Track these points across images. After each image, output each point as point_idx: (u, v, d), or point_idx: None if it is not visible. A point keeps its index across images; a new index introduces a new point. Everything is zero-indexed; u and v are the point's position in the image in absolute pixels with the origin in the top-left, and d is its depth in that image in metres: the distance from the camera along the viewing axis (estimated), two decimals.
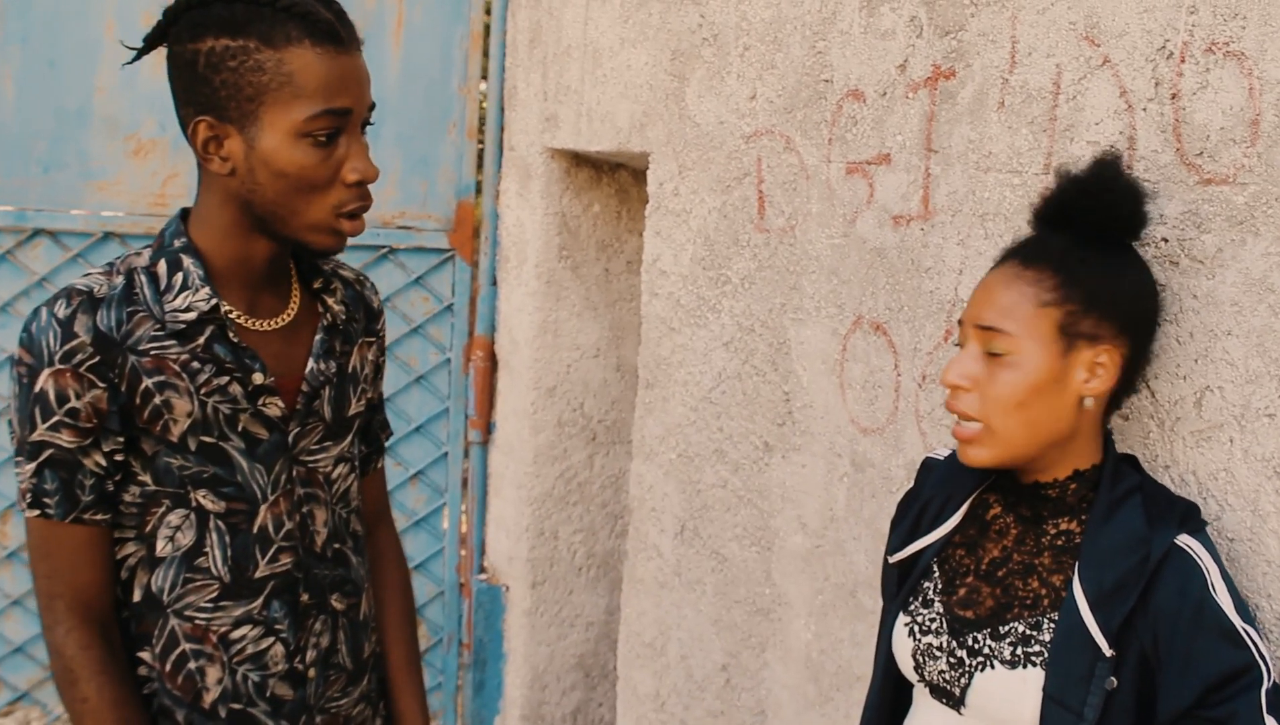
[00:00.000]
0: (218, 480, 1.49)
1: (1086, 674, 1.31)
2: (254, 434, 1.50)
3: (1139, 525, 1.32)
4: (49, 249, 3.66)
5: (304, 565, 1.57)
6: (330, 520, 1.60)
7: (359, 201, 1.44)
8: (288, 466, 1.54)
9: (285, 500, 1.54)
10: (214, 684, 1.53)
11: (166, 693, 1.52)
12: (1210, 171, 1.42)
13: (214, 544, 1.50)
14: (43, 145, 3.62)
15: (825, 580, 2.16)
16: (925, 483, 1.61)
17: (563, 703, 3.61)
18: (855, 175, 2.05)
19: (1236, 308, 1.39)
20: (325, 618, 1.60)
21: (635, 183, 3.47)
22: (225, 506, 1.50)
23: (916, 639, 1.49)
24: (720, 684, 2.49)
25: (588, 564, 3.62)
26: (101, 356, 1.41)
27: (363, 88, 1.43)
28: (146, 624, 1.52)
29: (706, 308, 2.49)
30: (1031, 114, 1.67)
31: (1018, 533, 1.46)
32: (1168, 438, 1.49)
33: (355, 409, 1.64)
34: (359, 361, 1.65)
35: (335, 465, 1.61)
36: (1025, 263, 1.39)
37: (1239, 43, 1.38)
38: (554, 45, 3.21)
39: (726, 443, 2.44)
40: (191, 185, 3.69)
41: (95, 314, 1.41)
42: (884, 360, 2.00)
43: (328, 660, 1.61)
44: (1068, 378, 1.36)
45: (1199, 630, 1.26)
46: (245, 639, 1.53)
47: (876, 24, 1.99)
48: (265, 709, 1.56)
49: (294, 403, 1.54)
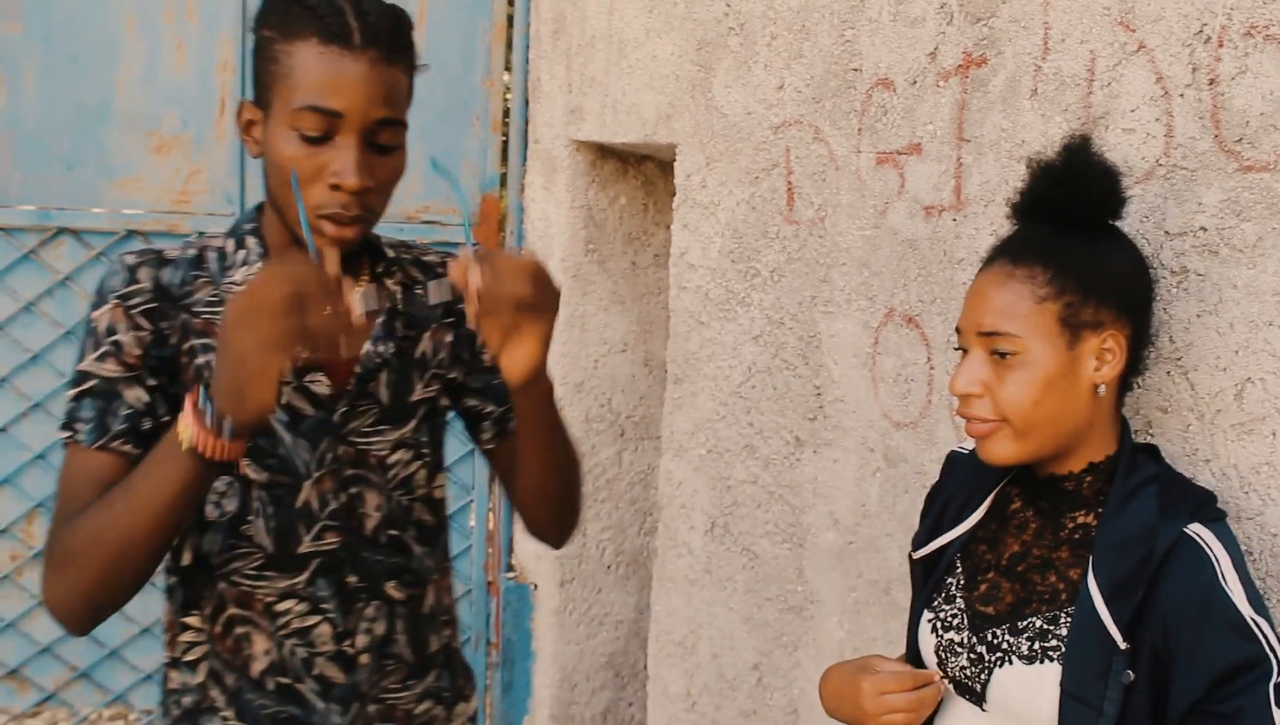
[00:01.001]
0: (260, 451, 1.51)
1: (1104, 669, 1.30)
2: (298, 409, 1.52)
3: (1150, 515, 1.32)
4: (72, 247, 3.69)
5: (351, 547, 1.57)
6: (384, 505, 1.59)
7: (338, 207, 1.41)
8: (334, 445, 1.54)
9: (330, 479, 1.55)
10: (261, 654, 1.55)
11: (217, 655, 1.56)
12: (1250, 159, 1.41)
13: (257, 514, 1.52)
14: (64, 143, 3.65)
15: (858, 577, 2.16)
16: (950, 477, 1.62)
17: (592, 702, 3.62)
18: (886, 165, 2.05)
19: (1278, 297, 1.38)
20: (380, 604, 1.61)
21: (662, 175, 3.48)
22: (268, 477, 1.52)
23: (939, 635, 1.50)
24: (752, 683, 2.49)
25: (616, 561, 3.63)
26: (158, 304, 1.48)
27: (363, 95, 1.40)
28: (196, 587, 1.56)
29: (735, 301, 2.49)
30: (1065, 101, 1.67)
31: (1036, 527, 1.46)
32: (1208, 431, 1.48)
33: (421, 395, 1.62)
34: (430, 347, 1.64)
35: (393, 451, 1.60)
36: (1014, 261, 1.39)
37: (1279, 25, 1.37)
38: (578, 36, 3.22)
39: (757, 438, 2.45)
40: (214, 183, 3.72)
41: (160, 269, 1.50)
42: (916, 353, 1.99)
43: (383, 649, 1.62)
44: (1079, 368, 1.36)
45: (1206, 622, 1.25)
46: (291, 613, 1.55)
47: (906, 11, 1.98)
48: (313, 687, 1.57)
49: (346, 382, 1.55)
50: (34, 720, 3.95)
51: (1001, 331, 1.36)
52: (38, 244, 3.66)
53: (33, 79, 3.61)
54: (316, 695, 1.58)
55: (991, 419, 1.38)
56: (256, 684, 1.56)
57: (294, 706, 1.57)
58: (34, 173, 3.64)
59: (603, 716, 3.65)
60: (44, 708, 3.95)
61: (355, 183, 1.40)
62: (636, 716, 3.68)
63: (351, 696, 1.59)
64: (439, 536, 1.70)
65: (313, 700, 1.58)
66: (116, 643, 3.89)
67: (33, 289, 3.68)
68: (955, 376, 1.41)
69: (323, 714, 1.58)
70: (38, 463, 3.77)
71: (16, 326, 3.69)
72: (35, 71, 3.61)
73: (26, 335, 3.70)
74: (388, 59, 1.43)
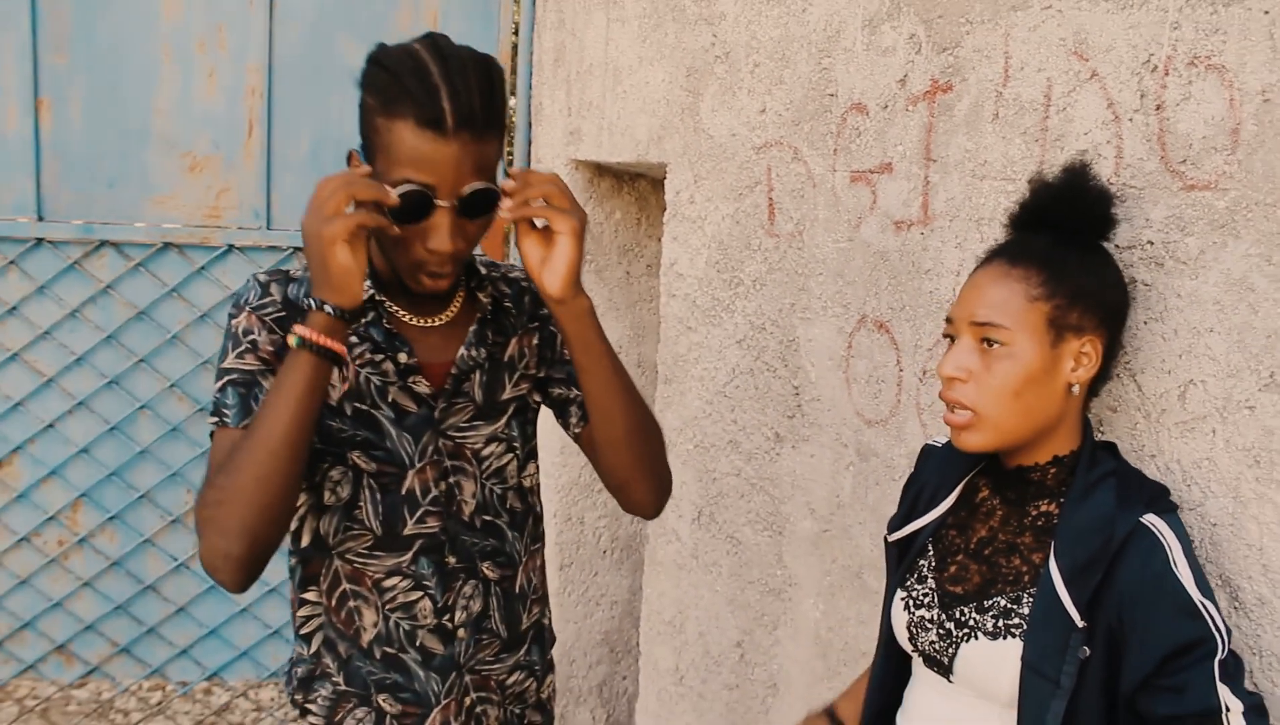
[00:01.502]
0: (369, 444, 1.56)
1: (1062, 645, 1.30)
2: (403, 406, 1.57)
3: (1109, 506, 1.32)
4: (113, 259, 3.67)
5: (450, 530, 1.61)
6: (479, 493, 1.63)
7: (437, 266, 1.47)
8: (435, 439, 1.59)
9: (432, 468, 1.59)
10: (370, 625, 1.60)
11: (331, 625, 1.62)
12: (1193, 178, 1.40)
13: (367, 499, 1.57)
14: (106, 163, 3.64)
15: (833, 563, 2.14)
16: (924, 468, 1.61)
17: (589, 676, 3.60)
18: (859, 183, 2.03)
19: (1218, 306, 1.37)
20: (476, 583, 1.64)
21: (654, 191, 3.46)
22: (377, 468, 1.57)
23: (911, 612, 1.50)
24: (735, 659, 2.47)
25: (611, 547, 3.61)
26: (286, 313, 1.53)
27: (454, 171, 1.41)
28: (314, 565, 1.61)
29: (721, 308, 2.47)
30: (1024, 125, 1.65)
31: (1003, 514, 1.46)
32: (1154, 429, 1.46)
33: (511, 393, 1.66)
34: (517, 350, 1.68)
35: (487, 444, 1.63)
36: (1012, 261, 1.39)
37: (1220, 56, 1.36)
38: (577, 64, 3.20)
39: (740, 434, 2.43)
40: (243, 199, 3.71)
41: (288, 286, 1.55)
42: (887, 356, 1.98)
43: (479, 624, 1.65)
44: (1058, 367, 1.36)
45: (1159, 604, 1.25)
46: (396, 589, 1.60)
47: (878, 41, 1.97)
48: (415, 657, 1.61)
49: (443, 382, 1.59)
50: (80, 690, 3.93)
51: (994, 322, 1.36)
52: (82, 256, 3.64)
53: (78, 105, 3.60)
54: (418, 665, 1.62)
55: (968, 407, 1.38)
56: (365, 653, 1.61)
57: (398, 674, 1.62)
58: (79, 190, 3.63)
59: (599, 689, 3.63)
60: (88, 680, 3.93)
61: (448, 250, 1.44)
62: (629, 689, 3.67)
63: (450, 667, 1.63)
64: (528, 521, 1.72)
65: (415, 669, 1.62)
66: (154, 620, 3.88)
67: (77, 296, 3.66)
68: (944, 361, 1.40)
69: (424, 682, 1.62)
70: (82, 457, 3.75)
71: (63, 331, 3.67)
72: (80, 99, 3.59)
73: (71, 339, 3.69)
74: (480, 136, 1.42)
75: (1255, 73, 1.32)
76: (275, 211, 3.73)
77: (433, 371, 1.59)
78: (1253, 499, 1.34)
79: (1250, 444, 1.34)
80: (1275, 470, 1.31)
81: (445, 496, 1.60)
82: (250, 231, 3.71)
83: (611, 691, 3.65)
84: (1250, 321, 1.33)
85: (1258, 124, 1.32)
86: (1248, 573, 1.35)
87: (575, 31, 3.22)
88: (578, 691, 3.59)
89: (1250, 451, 1.34)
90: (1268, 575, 1.32)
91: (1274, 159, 1.30)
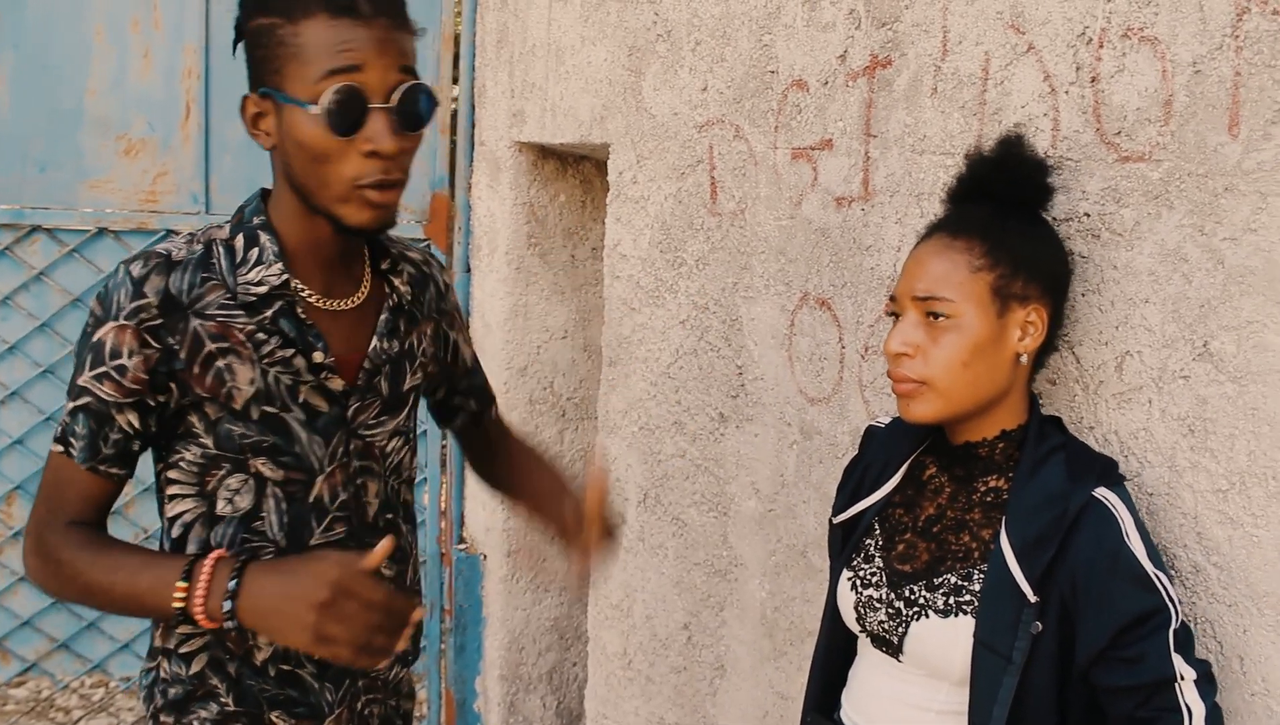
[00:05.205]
0: (277, 450, 1.44)
1: (1014, 620, 1.30)
2: (314, 406, 1.45)
3: (1060, 481, 1.32)
4: (46, 245, 3.60)
5: (356, 535, 1.51)
6: (382, 492, 1.55)
7: (380, 174, 1.33)
8: (345, 439, 1.48)
9: (341, 472, 1.49)
10: (265, 644, 1.49)
11: (219, 645, 1.49)
12: (1128, 150, 1.40)
13: (270, 510, 1.45)
14: (38, 145, 3.55)
15: (778, 542, 2.14)
16: (867, 448, 1.61)
17: (539, 663, 3.59)
18: (800, 160, 2.03)
19: (1153, 277, 1.38)
20: None
21: (598, 173, 3.44)
22: (284, 475, 1.45)
23: (859, 592, 1.49)
24: (682, 642, 2.47)
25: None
26: (164, 319, 1.37)
27: (379, 58, 1.31)
28: None
29: (664, 288, 2.46)
30: (963, 99, 1.65)
31: (951, 491, 1.46)
32: (1091, 400, 1.47)
33: (411, 383, 1.58)
34: (417, 339, 1.59)
35: (390, 439, 1.55)
36: (953, 234, 1.39)
37: (1152, 28, 1.37)
38: (519, 45, 3.17)
39: (684, 415, 2.42)
40: (181, 183, 3.64)
41: (169, 276, 1.37)
42: (829, 334, 1.98)
43: None
44: (1005, 337, 1.37)
45: (1114, 576, 1.26)
46: None
47: (818, 17, 1.96)
48: (312, 670, 1.52)
49: (355, 378, 1.48)
50: (18, 689, 3.86)
51: (938, 296, 1.36)
52: (13, 241, 3.56)
53: (6, 86, 3.51)
54: (314, 677, 1.53)
55: (915, 380, 1.37)
56: (259, 671, 1.50)
57: (293, 689, 1.52)
58: (9, 174, 3.54)
59: (548, 676, 3.62)
60: (27, 677, 3.85)
61: (392, 149, 1.32)
62: (580, 675, 3.66)
63: (344, 674, 1.55)
64: (412, 511, 1.66)
65: (310, 681, 1.53)
66: (94, 615, 3.81)
67: (9, 284, 3.58)
68: (890, 337, 1.40)
69: (318, 693, 1.53)
70: (16, 448, 3.67)
71: None
72: (9, 79, 3.51)
73: (3, 328, 3.61)
74: (399, 25, 1.34)
75: (1186, 44, 1.33)
76: (214, 195, 3.66)
77: (343, 364, 1.48)
78: (1187, 468, 1.35)
79: (1185, 413, 1.35)
80: (1209, 439, 1.32)
81: (353, 500, 1.51)
82: (189, 216, 3.63)
83: (562, 678, 3.64)
84: (1184, 292, 1.34)
85: (1189, 95, 1.33)
86: (1183, 541, 1.36)
87: (518, 12, 3.19)
88: (527, 679, 3.58)
89: (1185, 421, 1.35)
90: (1202, 543, 1.34)
91: (1205, 130, 1.31)
